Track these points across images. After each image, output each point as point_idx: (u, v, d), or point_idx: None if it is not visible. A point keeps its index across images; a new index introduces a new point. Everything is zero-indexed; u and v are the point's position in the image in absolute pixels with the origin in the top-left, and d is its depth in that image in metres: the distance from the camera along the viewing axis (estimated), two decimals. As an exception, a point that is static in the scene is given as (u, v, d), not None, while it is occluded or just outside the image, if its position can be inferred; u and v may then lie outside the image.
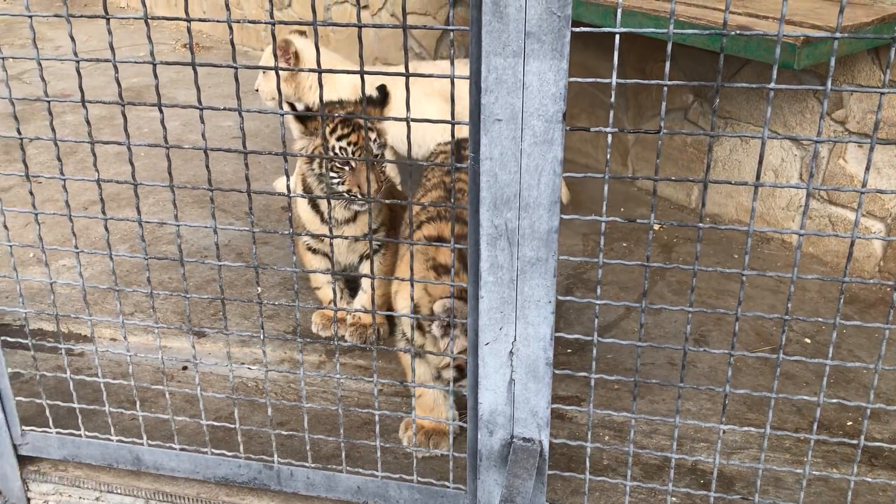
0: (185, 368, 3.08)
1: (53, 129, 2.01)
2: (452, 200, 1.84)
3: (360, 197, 2.84)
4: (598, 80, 1.59)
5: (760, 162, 1.59)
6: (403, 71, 1.73)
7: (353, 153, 2.92)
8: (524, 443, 1.98)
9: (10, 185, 4.65)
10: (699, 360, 3.13)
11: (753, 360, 3.11)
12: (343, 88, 4.11)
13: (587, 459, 2.00)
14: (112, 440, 2.36)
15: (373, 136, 2.97)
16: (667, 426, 2.75)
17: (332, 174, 2.92)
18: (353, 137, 2.92)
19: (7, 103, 5.67)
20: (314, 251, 3.29)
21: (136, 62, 1.78)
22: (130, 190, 4.68)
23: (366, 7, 6.64)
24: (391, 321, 3.29)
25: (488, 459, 2.03)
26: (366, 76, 1.78)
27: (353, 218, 3.11)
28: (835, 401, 1.96)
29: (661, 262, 3.78)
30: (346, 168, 2.91)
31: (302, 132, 2.95)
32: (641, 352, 1.89)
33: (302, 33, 4.17)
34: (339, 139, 2.92)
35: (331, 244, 2.11)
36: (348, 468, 2.23)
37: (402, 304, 2.60)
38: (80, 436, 2.38)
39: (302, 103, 3.82)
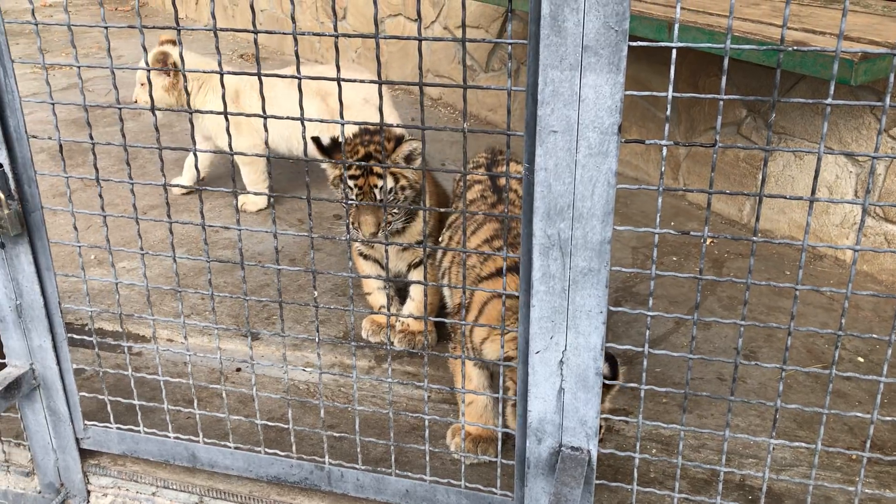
0: (238, 370, 3.15)
1: (124, 135, 2.09)
2: (507, 210, 1.87)
3: (359, 234, 2.91)
4: (654, 93, 1.61)
5: (816, 177, 1.59)
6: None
7: (358, 196, 2.96)
8: (572, 451, 2.00)
9: (73, 189, 4.81)
10: (749, 375, 3.11)
11: (804, 378, 3.08)
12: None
13: (635, 470, 2.01)
14: (169, 437, 2.43)
15: (382, 183, 2.94)
16: (715, 441, 2.74)
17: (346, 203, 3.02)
18: (360, 181, 2.96)
19: (68, 111, 5.83)
20: (365, 257, 3.35)
21: (205, 72, 1.85)
22: (183, 196, 4.80)
23: (416, 20, 6.72)
24: (439, 329, 3.33)
25: (536, 467, 2.05)
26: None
27: (402, 229, 3.17)
28: (889, 419, 1.94)
29: (715, 274, 3.76)
30: (352, 203, 2.97)
31: (324, 158, 3.02)
32: (692, 364, 1.90)
33: (173, 42, 4.25)
34: (350, 177, 2.98)
35: (386, 251, 2.16)
36: (397, 471, 2.27)
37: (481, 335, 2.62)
38: (139, 432, 2.46)
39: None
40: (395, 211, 3.07)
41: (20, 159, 2.15)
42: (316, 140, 3.04)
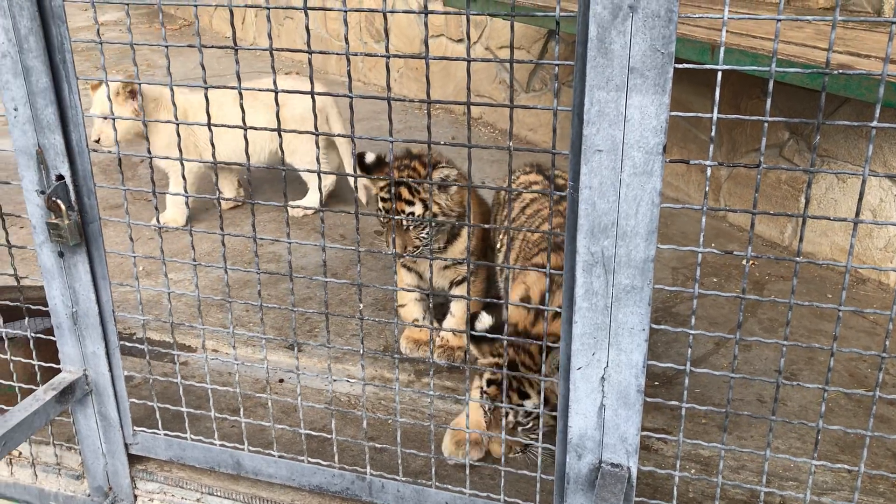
0: (281, 381, 3.21)
1: (180, 150, 2.17)
2: (550, 226, 1.90)
3: (391, 250, 2.91)
4: (699, 115, 1.64)
5: (860, 199, 1.60)
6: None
7: (385, 217, 3.07)
8: (612, 468, 2.01)
9: (119, 204, 4.94)
10: (789, 398, 3.09)
11: (846, 402, 3.05)
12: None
13: (675, 489, 2.02)
14: (215, 444, 2.49)
15: (410, 209, 3.05)
16: (754, 463, 2.73)
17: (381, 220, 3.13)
18: (388, 205, 3.06)
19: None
20: (409, 269, 3.41)
21: (260, 90, 1.92)
22: (229, 210, 4.90)
23: (461, 40, 6.81)
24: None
25: (576, 483, 2.07)
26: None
27: (443, 248, 3.22)
28: (933, 443, 1.93)
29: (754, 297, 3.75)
30: (384, 222, 3.12)
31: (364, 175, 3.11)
32: (733, 384, 1.91)
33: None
34: (381, 199, 3.10)
35: (430, 267, 2.20)
36: (437, 484, 2.30)
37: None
38: (185, 438, 2.52)
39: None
40: (422, 235, 3.10)
41: (81, 172, 2.24)
42: (360, 156, 3.12)
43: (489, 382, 2.61)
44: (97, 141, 4.37)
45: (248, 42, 10.29)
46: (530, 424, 2.60)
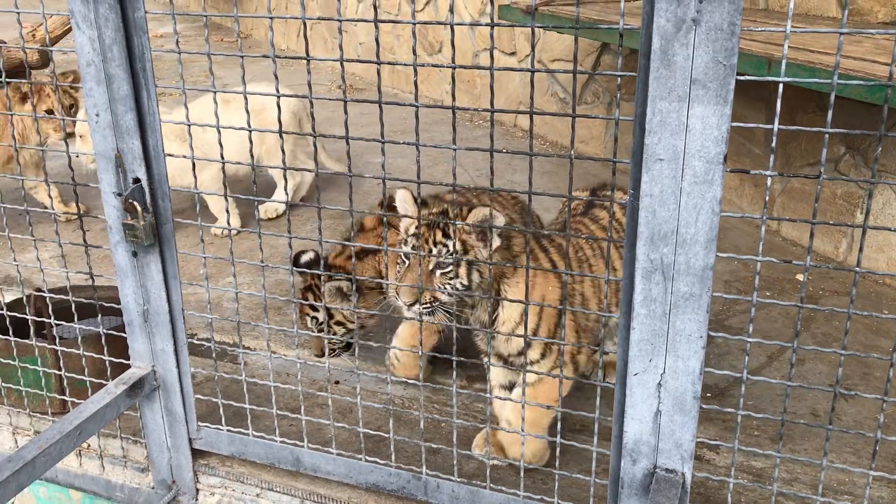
0: (337, 383, 3.29)
1: (252, 155, 2.26)
2: (610, 233, 1.95)
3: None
4: (760, 125, 1.68)
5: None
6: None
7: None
8: (667, 473, 2.04)
9: (183, 209, 5.09)
10: (844, 413, 3.07)
11: (903, 418, 3.03)
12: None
13: (729, 496, 2.04)
14: (276, 441, 2.57)
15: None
16: (808, 475, 2.72)
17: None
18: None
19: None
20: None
21: (321, 98, 2.00)
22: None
23: (513, 54, 6.87)
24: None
25: (630, 487, 2.10)
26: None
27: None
28: None
29: (809, 312, 3.73)
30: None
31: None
32: (788, 393, 1.92)
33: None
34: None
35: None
36: (491, 486, 2.35)
37: None
38: (247, 435, 2.61)
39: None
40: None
41: (156, 175, 2.34)
42: (297, 256, 3.05)
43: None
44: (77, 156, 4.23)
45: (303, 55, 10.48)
46: (448, 269, 2.46)
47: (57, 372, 2.89)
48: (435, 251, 2.47)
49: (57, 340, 2.88)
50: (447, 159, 6.12)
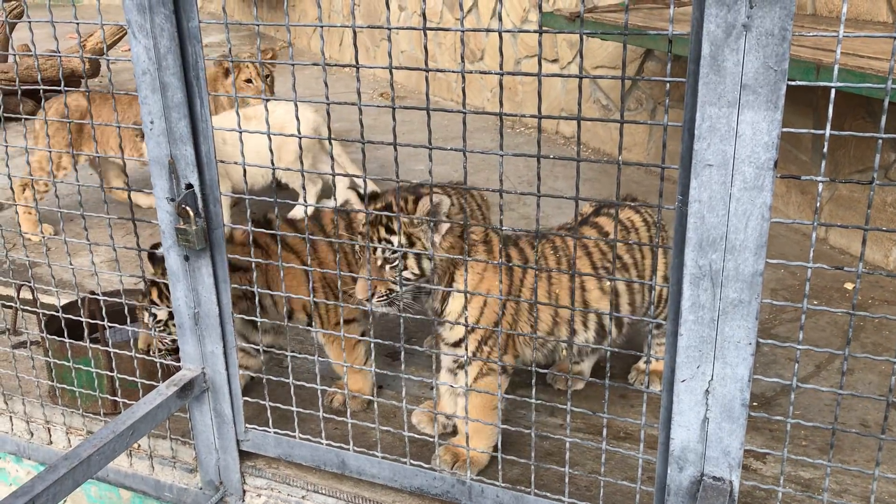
0: (380, 387, 3.32)
1: (303, 162, 2.30)
2: (658, 240, 1.94)
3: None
4: (812, 131, 1.66)
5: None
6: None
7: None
8: (714, 481, 2.02)
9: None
10: (895, 424, 3.02)
11: (957, 430, 2.96)
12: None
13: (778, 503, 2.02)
14: (322, 443, 2.60)
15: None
16: (858, 487, 2.68)
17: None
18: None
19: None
20: None
21: (368, 105, 2.02)
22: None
23: (555, 61, 6.87)
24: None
25: (676, 495, 2.09)
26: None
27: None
28: None
29: (859, 321, 3.67)
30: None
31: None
32: (840, 400, 1.90)
33: None
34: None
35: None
36: (536, 491, 2.35)
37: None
38: (294, 437, 2.64)
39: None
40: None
41: (208, 181, 2.39)
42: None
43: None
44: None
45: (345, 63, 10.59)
46: (395, 263, 2.55)
47: (109, 373, 2.96)
48: (380, 248, 2.54)
49: (110, 343, 2.95)
50: (488, 166, 6.13)
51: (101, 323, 2.92)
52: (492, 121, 7.15)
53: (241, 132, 2.31)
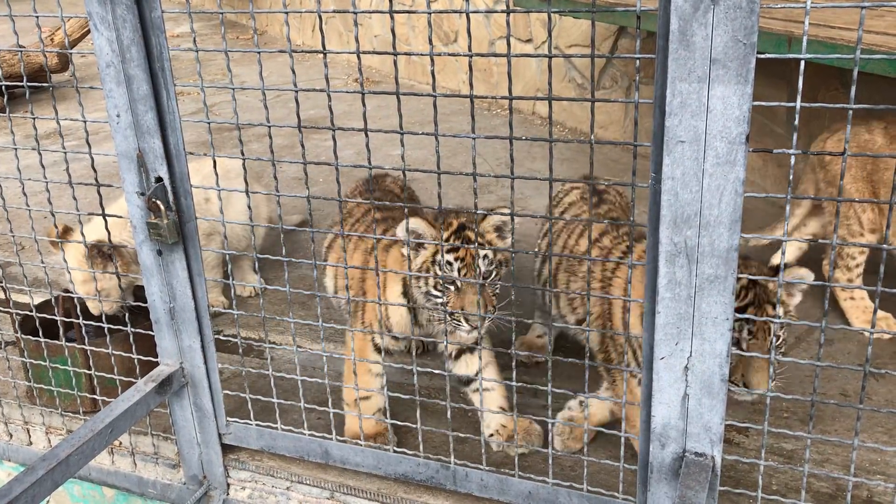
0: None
1: (279, 155, 2.27)
2: (632, 218, 1.93)
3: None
4: (782, 104, 1.66)
5: (951, 184, 1.59)
6: (588, 96, 1.85)
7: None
8: (696, 457, 2.03)
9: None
10: (874, 392, 3.04)
11: (935, 396, 2.99)
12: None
13: (760, 478, 2.03)
14: (304, 434, 2.58)
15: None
16: (839, 456, 2.70)
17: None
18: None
19: (197, 133, 6.20)
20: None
21: (339, 91, 2.00)
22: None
23: (529, 41, 6.84)
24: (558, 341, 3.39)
25: (659, 472, 2.09)
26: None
27: None
28: None
29: (844, 284, 3.69)
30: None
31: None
32: (818, 373, 1.90)
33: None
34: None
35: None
36: (520, 473, 2.35)
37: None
38: (276, 429, 2.63)
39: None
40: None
41: (178, 174, 2.36)
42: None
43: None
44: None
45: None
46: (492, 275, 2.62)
47: (87, 371, 2.93)
48: (483, 265, 2.58)
49: (86, 340, 2.92)
50: (465, 150, 6.11)
51: (77, 321, 2.88)
52: (468, 103, 7.13)
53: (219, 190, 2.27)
